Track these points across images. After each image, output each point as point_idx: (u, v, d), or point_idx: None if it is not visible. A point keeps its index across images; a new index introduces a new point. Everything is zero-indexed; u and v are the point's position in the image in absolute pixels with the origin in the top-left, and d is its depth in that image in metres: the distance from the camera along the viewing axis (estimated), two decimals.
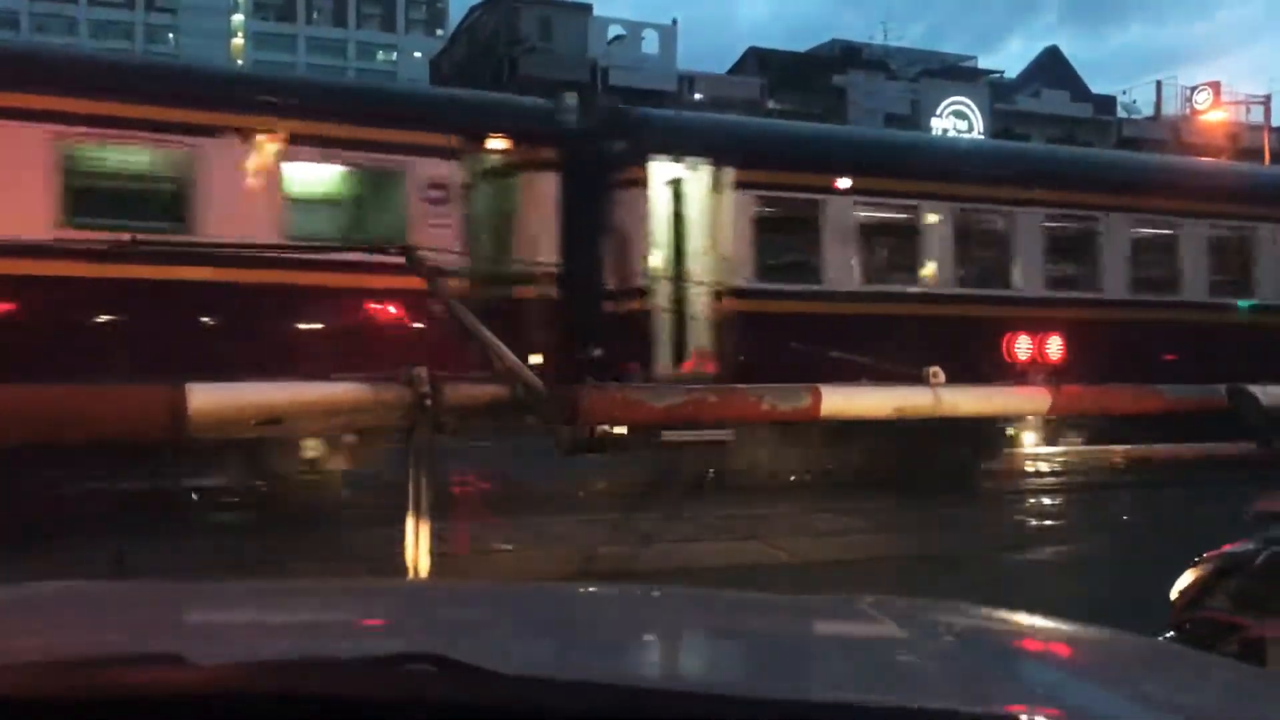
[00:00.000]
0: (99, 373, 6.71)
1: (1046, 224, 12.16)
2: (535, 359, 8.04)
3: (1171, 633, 3.25)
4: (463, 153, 9.42)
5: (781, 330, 10.25)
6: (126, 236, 6.73)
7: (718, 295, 10.36)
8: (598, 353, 9.81)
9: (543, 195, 9.75)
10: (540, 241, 9.63)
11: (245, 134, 8.93)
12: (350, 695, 0.98)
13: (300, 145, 9.09)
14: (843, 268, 11.13)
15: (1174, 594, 3.38)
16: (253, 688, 1.00)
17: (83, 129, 8.76)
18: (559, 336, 9.43)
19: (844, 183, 11.10)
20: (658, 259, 10.41)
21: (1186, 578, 3.38)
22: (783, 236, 11.23)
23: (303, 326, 9.39)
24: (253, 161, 8.92)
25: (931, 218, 11.61)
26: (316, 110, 9.53)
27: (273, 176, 8.99)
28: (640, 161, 10.32)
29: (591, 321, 10.13)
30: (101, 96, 8.79)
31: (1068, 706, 1.17)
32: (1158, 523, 8.18)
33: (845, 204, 11.13)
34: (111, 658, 1.07)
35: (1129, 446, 12.61)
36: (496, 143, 9.70)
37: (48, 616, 1.55)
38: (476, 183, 9.48)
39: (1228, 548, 3.39)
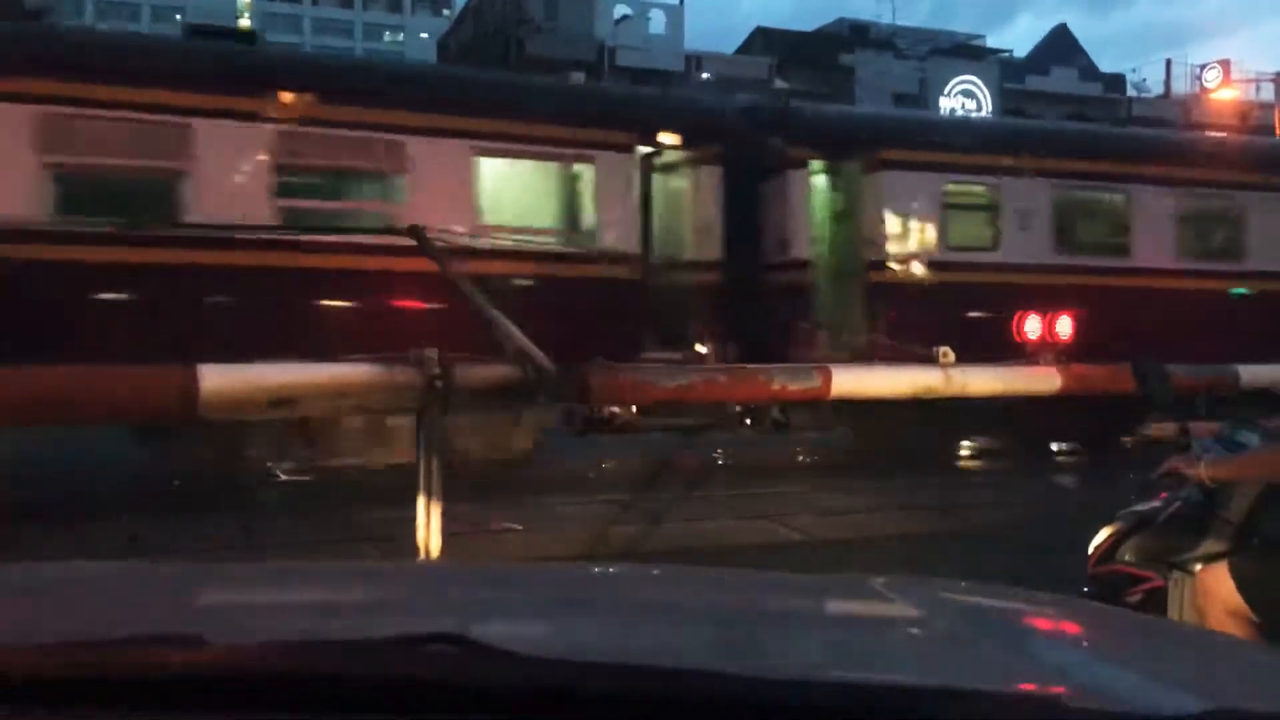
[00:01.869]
0: None
1: None
2: None
3: (1086, 587, 3.50)
4: None
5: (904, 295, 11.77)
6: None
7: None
8: None
9: None
10: None
11: None
12: (371, 675, 0.98)
13: None
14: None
15: (1090, 549, 3.59)
16: (274, 668, 1.01)
17: None
18: None
19: None
20: None
21: (1102, 534, 3.59)
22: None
23: None
24: None
25: None
26: None
27: None
28: None
29: None
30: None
31: (1079, 684, 1.17)
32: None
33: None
34: (133, 638, 1.08)
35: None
36: None
37: (67, 597, 1.56)
38: None
39: (1138, 506, 3.58)
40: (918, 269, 11.71)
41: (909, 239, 11.83)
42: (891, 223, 11.74)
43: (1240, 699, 1.26)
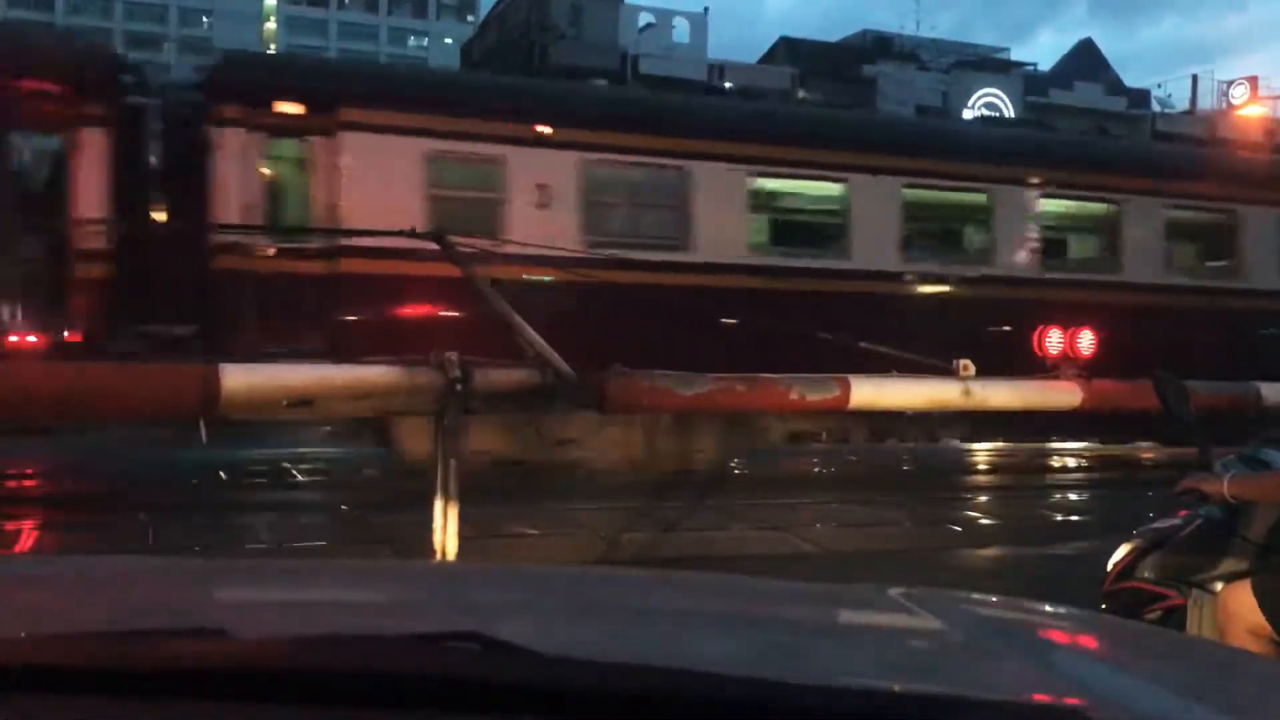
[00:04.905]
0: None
1: None
2: None
3: (1103, 604, 3.47)
4: None
5: None
6: None
7: None
8: None
9: None
10: None
11: None
12: (393, 672, 0.99)
13: None
14: None
15: (1109, 566, 3.56)
16: (296, 662, 1.01)
17: None
18: None
19: None
20: None
21: (1121, 550, 3.56)
22: None
23: None
24: None
25: None
26: None
27: None
28: None
29: None
30: None
31: (1094, 696, 1.17)
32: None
33: None
34: (156, 631, 1.09)
35: (1154, 443, 12.52)
36: None
37: (93, 590, 1.57)
38: None
39: (1157, 523, 3.55)
40: None
41: None
42: None
43: (1263, 716, 1.26)
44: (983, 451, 13.87)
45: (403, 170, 9.89)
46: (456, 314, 8.99)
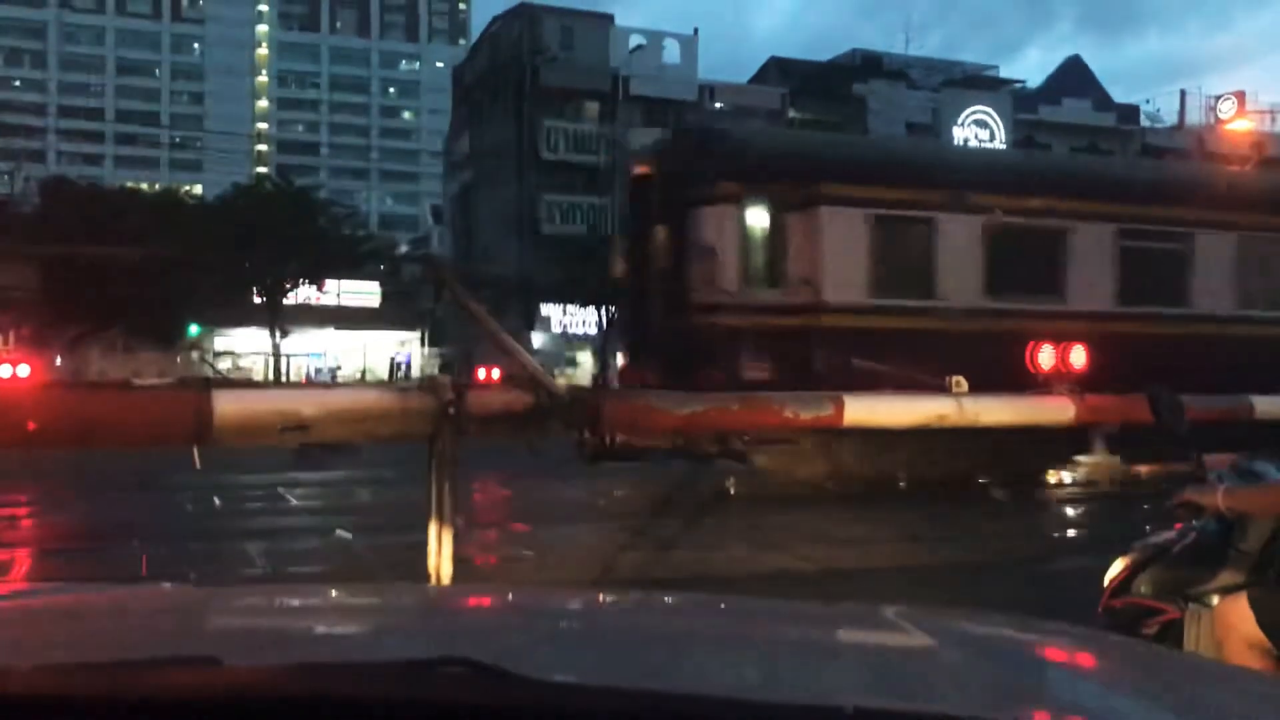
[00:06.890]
0: None
1: None
2: None
3: (1101, 620, 3.44)
4: None
5: None
6: None
7: None
8: None
9: None
10: None
11: None
12: (385, 698, 0.99)
13: None
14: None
15: (1105, 581, 3.55)
16: (288, 690, 1.01)
17: None
18: None
19: None
20: None
21: (1116, 565, 3.55)
22: None
23: None
24: None
25: None
26: None
27: None
28: None
29: None
30: None
31: (1092, 715, 1.17)
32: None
33: None
34: (149, 660, 1.09)
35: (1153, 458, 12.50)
36: None
37: (86, 619, 1.57)
38: None
39: (1153, 538, 3.55)
40: None
41: None
42: None
43: None
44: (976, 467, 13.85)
45: None
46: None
